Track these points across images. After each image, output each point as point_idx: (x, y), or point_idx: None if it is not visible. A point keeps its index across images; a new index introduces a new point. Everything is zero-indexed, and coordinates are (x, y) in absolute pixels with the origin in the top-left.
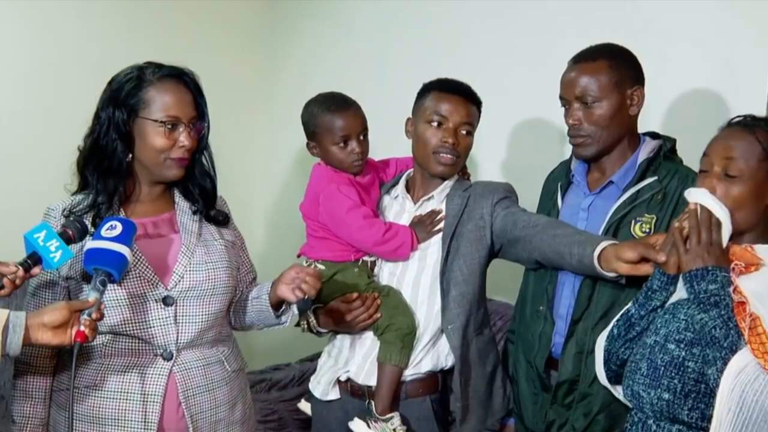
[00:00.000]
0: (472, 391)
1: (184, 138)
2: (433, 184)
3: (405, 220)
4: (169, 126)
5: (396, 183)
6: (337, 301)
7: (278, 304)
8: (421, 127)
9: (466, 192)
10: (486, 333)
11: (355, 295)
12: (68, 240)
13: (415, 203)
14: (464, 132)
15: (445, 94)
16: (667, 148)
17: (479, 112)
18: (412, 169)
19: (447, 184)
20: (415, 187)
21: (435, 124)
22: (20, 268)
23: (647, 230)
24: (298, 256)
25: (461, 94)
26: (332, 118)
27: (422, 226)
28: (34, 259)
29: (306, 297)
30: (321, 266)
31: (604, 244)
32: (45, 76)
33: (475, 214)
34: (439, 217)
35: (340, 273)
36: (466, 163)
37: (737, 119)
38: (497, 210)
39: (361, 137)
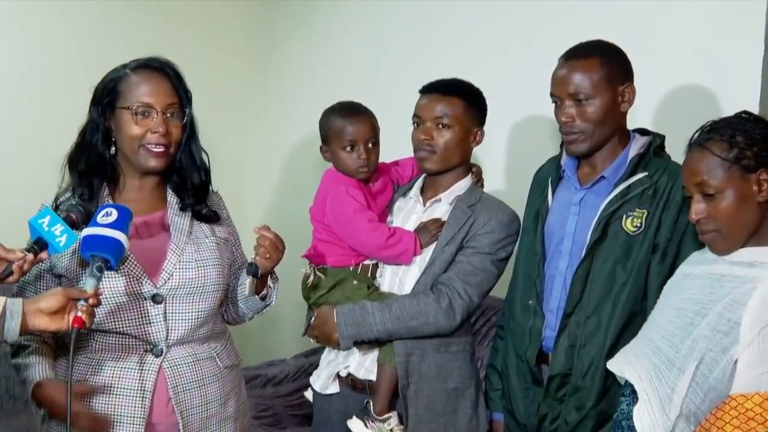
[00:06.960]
0: (425, 402)
1: (156, 124)
2: (441, 186)
3: (412, 222)
4: (141, 113)
5: (412, 186)
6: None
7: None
8: (412, 131)
9: (470, 209)
10: (453, 350)
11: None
12: (72, 224)
13: (424, 205)
14: (440, 126)
15: (421, 96)
16: (656, 145)
17: (467, 102)
18: None
19: (456, 187)
20: (426, 189)
21: (415, 125)
22: (27, 253)
23: (638, 224)
24: (303, 257)
25: (436, 90)
26: (342, 123)
27: (426, 232)
28: (40, 244)
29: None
30: (321, 275)
31: None
32: (40, 76)
33: (459, 237)
34: (440, 224)
35: (339, 285)
36: (481, 169)
37: (693, 137)
38: (465, 249)
39: (370, 144)
